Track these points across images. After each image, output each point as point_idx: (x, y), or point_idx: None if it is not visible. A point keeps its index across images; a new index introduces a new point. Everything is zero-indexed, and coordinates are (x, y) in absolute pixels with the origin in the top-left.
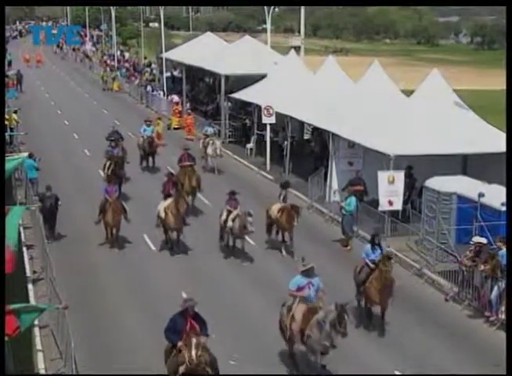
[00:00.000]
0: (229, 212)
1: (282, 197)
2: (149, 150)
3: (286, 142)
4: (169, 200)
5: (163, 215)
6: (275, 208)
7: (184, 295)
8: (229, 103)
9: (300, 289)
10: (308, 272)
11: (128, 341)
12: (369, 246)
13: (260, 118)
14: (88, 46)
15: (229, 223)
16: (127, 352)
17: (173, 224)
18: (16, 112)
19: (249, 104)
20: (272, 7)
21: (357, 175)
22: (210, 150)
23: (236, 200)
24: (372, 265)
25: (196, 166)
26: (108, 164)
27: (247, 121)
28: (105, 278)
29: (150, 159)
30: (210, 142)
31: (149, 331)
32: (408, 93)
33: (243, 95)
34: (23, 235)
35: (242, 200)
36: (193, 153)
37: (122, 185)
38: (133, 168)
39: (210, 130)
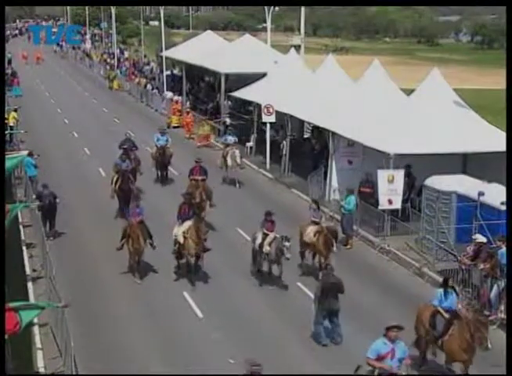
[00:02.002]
0: (265, 235)
1: (314, 216)
2: (162, 161)
3: (284, 142)
4: (188, 224)
5: (181, 240)
6: (310, 231)
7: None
8: (229, 102)
9: (380, 358)
10: (391, 334)
11: (127, 340)
12: (441, 291)
13: (260, 117)
14: (88, 45)
15: (266, 248)
16: (126, 351)
17: (193, 250)
18: (15, 110)
19: (249, 103)
20: (273, 6)
21: (367, 176)
22: (229, 161)
23: (273, 223)
24: (447, 315)
25: (209, 179)
26: (115, 178)
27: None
28: (105, 276)
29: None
30: (230, 151)
31: (149, 330)
32: (408, 92)
33: (243, 93)
34: (22, 233)
35: (242, 200)
36: (205, 165)
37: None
38: (145, 179)
39: (230, 139)
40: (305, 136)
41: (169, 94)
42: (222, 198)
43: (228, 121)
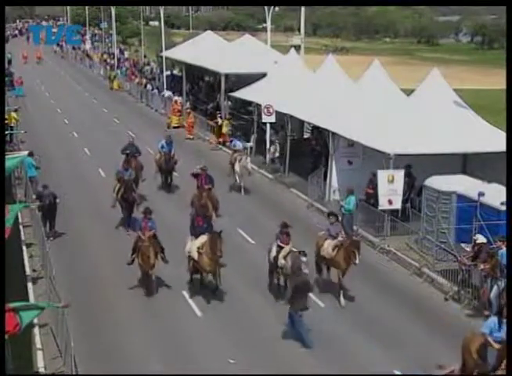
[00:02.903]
0: (280, 248)
1: (332, 230)
2: (166, 168)
3: (274, 145)
4: (202, 239)
5: (195, 255)
6: (328, 245)
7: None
8: (229, 102)
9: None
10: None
11: (127, 340)
12: (494, 320)
13: (260, 117)
14: (88, 45)
15: (281, 262)
16: (126, 351)
17: (208, 267)
18: (16, 111)
19: (249, 103)
20: (273, 6)
21: (374, 177)
22: (237, 167)
23: (288, 235)
24: (497, 346)
25: (215, 187)
26: (118, 187)
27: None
28: (105, 276)
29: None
30: (238, 158)
31: (148, 330)
32: (408, 92)
33: (243, 94)
34: (22, 233)
35: (242, 201)
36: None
37: (134, 209)
38: (148, 186)
39: (238, 144)
40: (305, 136)
41: (167, 93)
42: (228, 204)
43: (219, 120)
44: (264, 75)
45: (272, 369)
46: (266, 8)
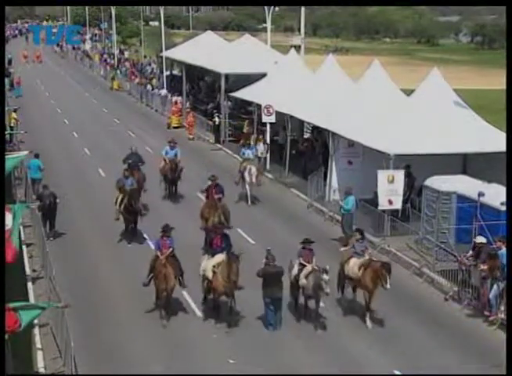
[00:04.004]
0: (302, 266)
1: (358, 248)
2: (171, 176)
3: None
4: (219, 258)
5: (210, 275)
6: (354, 264)
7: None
8: (229, 102)
9: None
10: None
11: (127, 340)
12: None
13: (260, 117)
14: (88, 45)
15: (302, 281)
16: (126, 351)
17: (223, 288)
18: (15, 111)
19: (249, 103)
20: (273, 6)
21: None
22: (247, 176)
23: (312, 252)
24: None
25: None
26: (120, 198)
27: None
28: (105, 276)
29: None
30: (248, 167)
31: (149, 330)
32: (408, 92)
33: (243, 94)
34: (22, 233)
35: (235, 195)
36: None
37: (138, 221)
38: (152, 196)
39: (248, 153)
40: (305, 136)
41: (163, 91)
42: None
43: (217, 120)
44: (264, 75)
45: (273, 369)
46: (266, 8)
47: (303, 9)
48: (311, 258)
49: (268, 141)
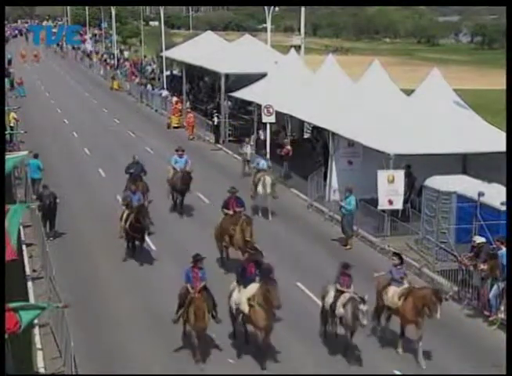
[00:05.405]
0: (339, 293)
1: (394, 273)
2: (180, 187)
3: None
4: (253, 288)
5: (246, 309)
6: (394, 293)
7: None
8: (229, 102)
9: None
10: None
11: (127, 340)
12: None
13: (260, 117)
14: (88, 45)
15: (339, 310)
16: (126, 351)
17: (264, 322)
18: (15, 111)
19: (249, 103)
20: (273, 6)
21: None
22: (260, 189)
23: (350, 278)
24: None
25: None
26: (126, 214)
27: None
28: (105, 276)
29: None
30: (262, 178)
31: (149, 330)
32: (408, 92)
33: (243, 94)
34: (22, 233)
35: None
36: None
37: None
38: (157, 208)
39: (262, 163)
40: (305, 136)
41: (163, 91)
42: None
43: (216, 120)
44: (264, 75)
45: (273, 369)
46: (266, 8)
47: (303, 9)
48: (350, 285)
49: (268, 141)
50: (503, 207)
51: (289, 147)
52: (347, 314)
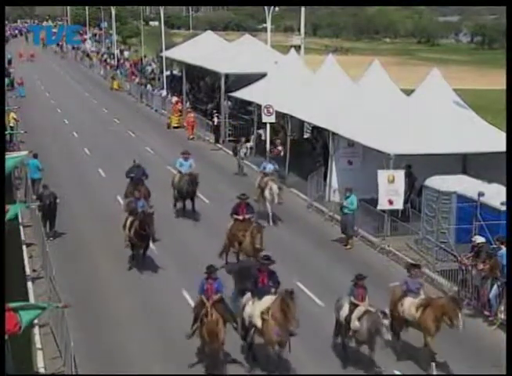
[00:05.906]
0: (354, 306)
1: (410, 285)
2: (187, 191)
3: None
4: (267, 301)
5: (259, 323)
6: (411, 305)
7: None
8: (229, 102)
9: None
10: None
11: (127, 340)
12: None
13: (260, 117)
14: (88, 45)
15: (354, 324)
16: (126, 351)
17: (277, 335)
18: (15, 111)
19: (249, 103)
20: (273, 6)
21: None
22: (267, 193)
23: (365, 290)
24: None
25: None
26: (130, 221)
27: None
28: (105, 276)
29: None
30: (269, 185)
31: (149, 330)
32: (408, 92)
33: (243, 94)
34: (22, 234)
35: (234, 195)
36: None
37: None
38: (161, 214)
39: (269, 167)
40: (305, 136)
41: (163, 91)
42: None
43: (216, 120)
44: (264, 75)
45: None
46: (266, 8)
47: (303, 9)
48: (365, 297)
49: (268, 142)
50: (503, 207)
51: (280, 148)
52: (363, 327)
